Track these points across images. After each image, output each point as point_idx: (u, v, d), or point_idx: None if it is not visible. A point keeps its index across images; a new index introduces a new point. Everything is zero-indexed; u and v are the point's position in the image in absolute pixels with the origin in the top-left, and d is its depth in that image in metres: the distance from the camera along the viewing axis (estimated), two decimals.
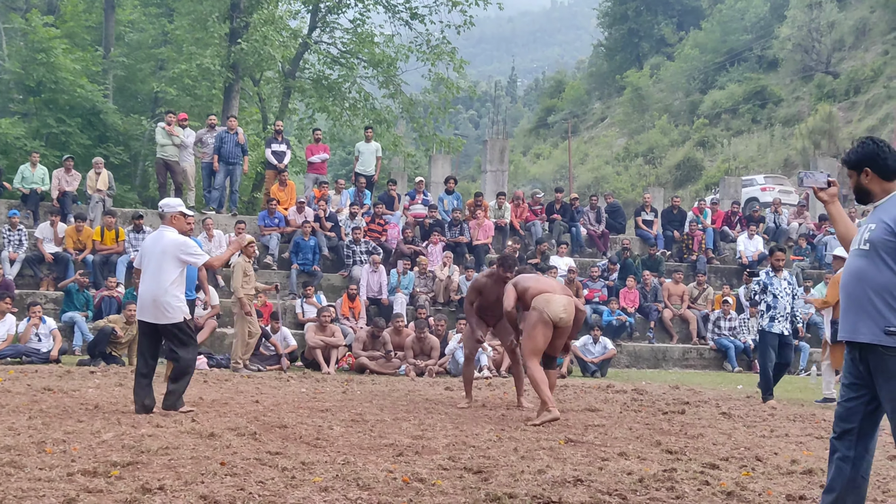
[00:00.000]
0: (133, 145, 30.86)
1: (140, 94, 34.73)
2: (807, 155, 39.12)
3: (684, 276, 19.69)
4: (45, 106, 28.99)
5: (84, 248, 17.23)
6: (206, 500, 5.13)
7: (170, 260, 8.83)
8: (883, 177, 4.78)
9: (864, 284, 4.67)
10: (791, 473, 6.67)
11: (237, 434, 7.46)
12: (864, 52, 48.35)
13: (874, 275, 4.64)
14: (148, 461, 6.16)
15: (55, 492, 5.14)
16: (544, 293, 9.48)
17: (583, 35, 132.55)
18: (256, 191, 30.01)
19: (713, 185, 39.26)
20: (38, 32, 28.20)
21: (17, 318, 14.25)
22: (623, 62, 66.76)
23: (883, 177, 4.78)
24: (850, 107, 44.46)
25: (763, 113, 50.04)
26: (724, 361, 17.82)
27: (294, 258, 18.10)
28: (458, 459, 6.72)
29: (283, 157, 20.51)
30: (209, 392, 10.74)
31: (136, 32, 34.60)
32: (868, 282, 4.65)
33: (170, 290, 8.79)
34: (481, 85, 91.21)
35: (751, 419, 10.07)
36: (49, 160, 23.73)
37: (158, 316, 8.79)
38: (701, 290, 19.32)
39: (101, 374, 12.28)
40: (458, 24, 31.02)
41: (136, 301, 9.30)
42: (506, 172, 25.65)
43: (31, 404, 8.82)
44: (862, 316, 4.65)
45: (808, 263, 21.22)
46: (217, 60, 26.82)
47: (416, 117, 32.11)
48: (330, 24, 32.78)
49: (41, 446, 6.55)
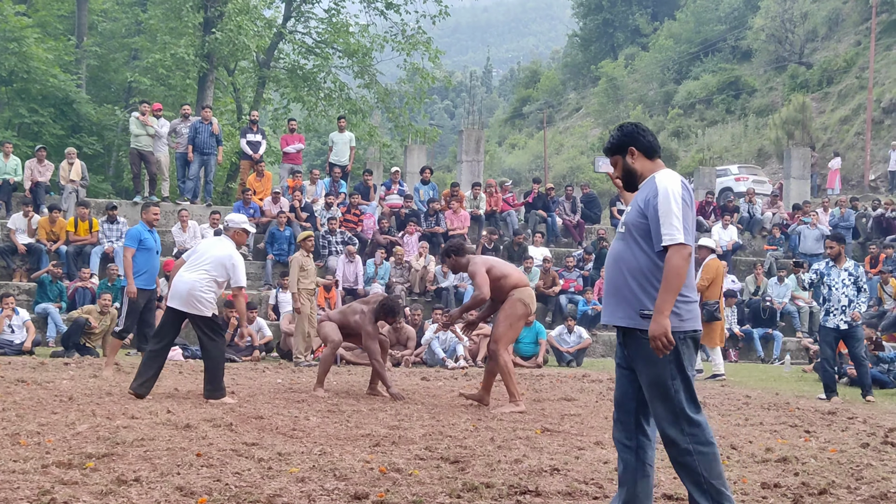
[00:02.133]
0: (106, 135, 30.71)
1: (113, 84, 34.55)
2: (780, 145, 39.33)
3: None
4: (18, 96, 28.77)
5: (57, 238, 17.12)
6: (182, 491, 5.11)
7: (219, 267, 9.49)
8: (647, 155, 4.78)
9: (620, 267, 4.68)
10: (766, 461, 6.71)
11: (213, 425, 7.44)
12: (837, 42, 48.61)
13: (629, 258, 4.65)
14: (123, 453, 6.13)
15: (30, 484, 5.11)
16: (527, 286, 9.56)
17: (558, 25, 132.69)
18: (231, 181, 29.92)
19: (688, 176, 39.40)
20: (10, 21, 27.95)
21: None
22: (598, 52, 66.89)
23: (647, 155, 4.78)
24: (823, 97, 44.70)
25: (737, 103, 50.25)
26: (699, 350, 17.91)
27: (269, 248, 18.05)
28: (434, 449, 6.73)
29: (258, 147, 20.45)
30: (185, 383, 10.71)
31: (110, 22, 34.39)
32: (624, 264, 4.66)
33: (206, 288, 9.39)
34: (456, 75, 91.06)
35: (725, 408, 10.12)
36: (21, 150, 23.53)
37: (190, 307, 9.35)
38: None
39: (76, 366, 12.21)
40: (433, 14, 31.01)
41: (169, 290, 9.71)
42: (481, 163, 25.66)
43: (5, 396, 8.76)
44: (619, 299, 4.66)
45: (781, 252, 21.33)
46: (191, 50, 26.69)
47: (392, 107, 32.11)
48: (305, 14, 32.71)
49: (15, 438, 6.50)
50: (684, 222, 4.47)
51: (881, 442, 7.88)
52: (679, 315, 4.52)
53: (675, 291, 4.44)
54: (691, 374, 4.55)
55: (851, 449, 7.45)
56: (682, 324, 4.53)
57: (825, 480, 5.96)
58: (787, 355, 16.99)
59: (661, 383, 4.54)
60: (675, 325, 4.50)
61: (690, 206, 4.58)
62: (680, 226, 4.45)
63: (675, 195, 4.51)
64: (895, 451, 7.47)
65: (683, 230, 4.45)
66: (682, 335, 4.53)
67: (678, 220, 4.46)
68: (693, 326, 4.58)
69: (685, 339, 4.53)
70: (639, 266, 4.60)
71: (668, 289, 4.43)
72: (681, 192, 4.54)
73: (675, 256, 4.44)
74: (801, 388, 13.26)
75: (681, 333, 4.52)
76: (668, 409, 4.53)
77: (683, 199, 4.53)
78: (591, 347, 17.01)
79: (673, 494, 5.45)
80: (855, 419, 9.56)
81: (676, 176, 4.65)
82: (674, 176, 4.64)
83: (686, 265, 4.45)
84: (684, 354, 4.53)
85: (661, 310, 4.43)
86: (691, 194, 4.65)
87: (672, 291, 4.43)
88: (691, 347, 4.58)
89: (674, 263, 4.43)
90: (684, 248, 4.43)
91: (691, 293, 4.61)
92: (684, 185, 4.62)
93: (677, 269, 4.43)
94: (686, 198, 4.56)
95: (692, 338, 4.59)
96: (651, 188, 4.61)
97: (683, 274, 4.45)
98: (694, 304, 4.61)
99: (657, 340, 4.39)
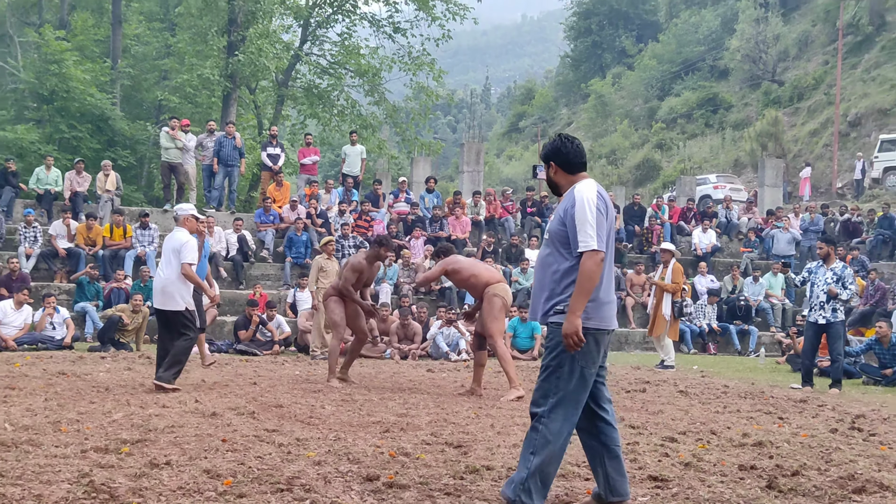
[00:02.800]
0: (139, 149, 30.74)
1: (145, 102, 34.58)
2: (755, 156, 39.27)
3: (645, 266, 19.75)
4: (58, 113, 28.81)
5: (94, 243, 17.13)
6: (209, 473, 5.11)
7: (175, 256, 9.16)
8: (566, 170, 4.75)
9: (544, 270, 4.69)
10: (743, 445, 6.70)
11: (237, 413, 7.44)
12: (807, 62, 48.55)
13: (551, 262, 4.66)
14: (155, 439, 6.13)
15: (70, 467, 5.11)
16: (500, 282, 9.70)
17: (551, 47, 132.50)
18: (253, 190, 29.90)
19: (670, 184, 39.38)
20: (51, 46, 28.03)
21: (33, 308, 14.17)
22: (587, 72, 66.79)
23: (566, 170, 4.75)
24: (794, 112, 44.63)
25: (715, 118, 50.18)
26: (681, 344, 17.90)
27: (288, 252, 18.06)
28: (439, 435, 6.72)
29: (277, 159, 20.45)
30: (211, 375, 10.71)
31: (142, 45, 34.42)
32: (548, 268, 4.67)
33: (175, 282, 9.11)
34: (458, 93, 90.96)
35: (706, 397, 10.11)
36: (62, 163, 23.55)
37: (164, 302, 9.11)
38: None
39: (111, 359, 12.21)
40: (436, 38, 31.03)
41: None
42: (481, 173, 25.64)
43: (47, 387, 8.77)
44: (543, 299, 4.67)
45: (756, 255, 21.32)
46: (216, 71, 26.69)
47: (399, 123, 32.09)
48: (319, 38, 32.70)
49: (57, 426, 6.51)
50: (598, 230, 4.46)
51: (849, 428, 7.88)
52: (585, 312, 4.48)
53: (588, 293, 4.44)
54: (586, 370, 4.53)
55: (821, 434, 7.44)
56: (587, 322, 4.50)
57: (797, 463, 5.95)
58: (762, 349, 16.97)
59: (552, 367, 4.54)
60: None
61: (605, 215, 4.55)
62: (594, 233, 4.45)
63: (590, 205, 4.50)
64: (862, 436, 7.47)
65: (597, 237, 4.45)
66: (584, 332, 4.49)
67: (592, 228, 4.45)
68: (596, 325, 4.55)
69: (585, 336, 4.49)
70: (559, 270, 4.61)
71: (581, 291, 4.44)
72: (596, 202, 4.53)
73: (588, 261, 4.44)
74: (775, 378, 13.25)
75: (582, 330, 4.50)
76: (544, 389, 4.55)
77: (598, 209, 4.52)
78: None
79: (658, 476, 5.45)
80: (824, 407, 9.56)
81: (594, 187, 4.63)
82: (591, 187, 4.61)
83: (598, 269, 4.45)
84: (581, 350, 4.50)
85: (573, 309, 4.44)
86: (607, 203, 4.63)
87: (584, 293, 4.43)
88: (591, 344, 4.54)
89: (587, 267, 4.44)
90: (597, 253, 4.44)
91: (600, 295, 4.56)
92: (601, 195, 4.60)
93: (590, 272, 4.43)
94: (601, 207, 4.54)
95: (593, 335, 4.55)
96: (570, 198, 4.61)
97: (595, 277, 4.45)
98: (602, 305, 4.58)
99: (569, 338, 4.41)
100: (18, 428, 6.34)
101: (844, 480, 5.45)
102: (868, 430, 7.78)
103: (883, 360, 13.21)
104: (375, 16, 32.07)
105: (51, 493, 4.56)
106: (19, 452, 5.51)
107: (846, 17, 41.58)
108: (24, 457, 5.38)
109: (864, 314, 17.73)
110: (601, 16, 65.15)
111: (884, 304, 17.94)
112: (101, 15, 35.74)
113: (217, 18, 26.80)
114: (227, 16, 26.87)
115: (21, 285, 14.58)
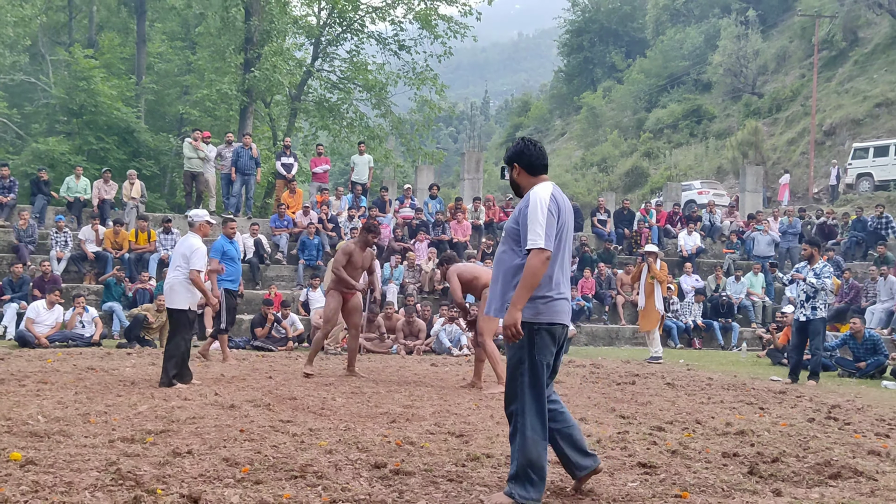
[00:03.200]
0: (162, 159, 30.75)
1: (167, 116, 34.59)
2: (736, 163, 39.17)
3: (634, 267, 19.73)
4: (87, 126, 28.83)
5: (121, 247, 17.14)
6: (228, 462, 5.11)
7: (183, 259, 9.14)
8: (529, 172, 4.68)
9: (499, 267, 4.65)
10: (726, 434, 6.70)
11: (254, 405, 7.44)
12: (785, 75, 48.48)
13: (506, 259, 4.61)
14: (178, 429, 6.13)
15: (98, 457, 5.11)
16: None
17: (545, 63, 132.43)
18: (268, 197, 29.89)
19: (657, 190, 39.36)
20: (80, 63, 28.06)
21: (64, 307, 14.21)
22: (580, 85, 66.71)
23: (529, 172, 4.68)
24: (772, 122, 44.55)
25: (699, 128, 50.09)
26: (668, 339, 17.90)
27: (301, 254, 18.06)
28: (442, 425, 6.72)
29: (291, 168, 20.46)
30: (229, 370, 10.71)
31: (164, 63, 34.44)
32: (501, 265, 4.63)
33: (182, 282, 9.08)
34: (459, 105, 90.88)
35: (691, 388, 10.11)
36: (90, 173, 23.52)
37: (170, 301, 9.12)
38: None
39: (137, 355, 12.22)
40: (439, 54, 30.99)
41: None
42: (481, 180, 25.62)
43: (77, 382, 8.78)
44: (497, 294, 4.63)
45: (738, 255, 21.30)
46: (234, 86, 26.69)
47: (404, 134, 32.06)
48: (330, 55, 32.67)
49: (86, 417, 6.51)
50: (547, 229, 4.39)
51: (825, 417, 7.87)
52: (536, 309, 4.45)
53: (530, 289, 4.37)
54: (544, 363, 4.48)
55: (800, 423, 7.43)
56: (538, 316, 4.46)
57: (777, 450, 5.95)
58: (744, 343, 16.98)
59: (512, 365, 4.50)
60: (530, 316, 4.44)
61: (556, 216, 4.48)
62: (542, 232, 4.38)
63: (542, 205, 4.44)
64: (837, 425, 7.46)
65: (545, 237, 4.38)
66: (537, 327, 4.46)
67: (542, 228, 4.38)
68: (549, 320, 4.49)
69: (539, 331, 4.46)
70: (512, 266, 4.57)
71: (524, 286, 4.37)
72: (548, 203, 4.46)
73: (533, 259, 4.37)
74: (756, 371, 13.24)
75: (535, 325, 4.46)
76: (511, 389, 4.50)
77: (550, 210, 4.44)
78: (575, 338, 16.99)
79: (647, 462, 5.44)
80: (802, 398, 9.55)
81: (550, 189, 4.56)
82: (547, 189, 4.55)
83: (542, 267, 4.38)
84: (536, 344, 4.46)
85: (514, 303, 4.39)
86: (560, 205, 4.54)
87: (527, 288, 4.37)
88: (545, 338, 4.49)
89: (531, 264, 4.37)
90: (543, 252, 4.37)
91: (554, 291, 4.51)
92: (555, 197, 4.53)
93: (534, 269, 4.37)
94: (553, 208, 4.47)
95: (547, 330, 4.50)
96: (526, 199, 4.55)
97: (539, 274, 4.37)
98: (555, 301, 4.51)
99: (507, 329, 4.36)
100: (50, 419, 6.35)
101: (821, 466, 5.44)
102: (843, 419, 7.78)
103: (857, 354, 13.21)
104: (382, 34, 32.06)
105: (81, 480, 4.56)
106: (51, 442, 5.52)
107: (821, 34, 41.53)
108: (56, 446, 5.39)
109: (839, 311, 17.70)
110: (592, 33, 65.15)
111: (857, 301, 17.93)
112: (127, 35, 35.79)
113: (234, 37, 26.79)
114: (244, 35, 26.87)
115: (53, 286, 14.60)
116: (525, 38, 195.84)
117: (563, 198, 4.63)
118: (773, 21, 54.48)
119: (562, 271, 4.58)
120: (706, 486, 4.92)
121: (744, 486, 4.94)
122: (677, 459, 5.64)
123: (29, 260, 16.35)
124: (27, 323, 13.54)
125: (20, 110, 31.45)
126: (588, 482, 4.80)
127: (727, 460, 5.65)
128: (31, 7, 28.77)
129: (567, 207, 4.61)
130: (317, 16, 32.28)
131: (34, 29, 30.91)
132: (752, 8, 52.66)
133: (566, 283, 4.64)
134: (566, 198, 4.69)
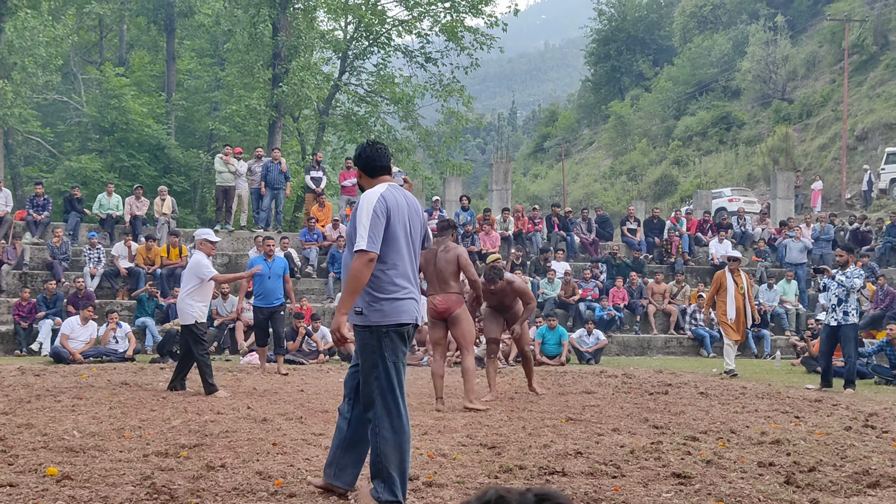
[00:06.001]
0: (192, 175, 31.08)
1: (197, 132, 34.96)
2: (767, 170, 38.92)
3: (664, 276, 19.61)
4: (118, 144, 29.24)
5: (153, 263, 17.30)
6: (261, 475, 5.13)
7: (189, 276, 9.58)
8: (368, 174, 4.68)
9: (345, 272, 4.58)
10: (761, 443, 6.63)
11: (286, 418, 7.47)
12: (815, 81, 48.09)
13: (348, 263, 4.54)
14: (211, 443, 6.17)
15: (133, 471, 5.16)
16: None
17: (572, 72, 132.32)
18: (298, 211, 30.07)
19: (687, 198, 39.11)
20: (111, 81, 28.49)
21: (97, 323, 14.35)
22: (607, 94, 66.61)
23: (368, 174, 4.68)
24: (803, 128, 44.22)
25: (728, 135, 49.82)
26: (700, 348, 17.74)
27: (331, 268, 18.12)
28: (474, 437, 6.71)
29: (320, 182, 20.57)
30: (262, 383, 10.77)
31: (194, 79, 34.84)
32: (346, 269, 4.55)
33: (186, 299, 9.52)
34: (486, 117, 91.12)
35: (725, 397, 10.01)
36: (122, 189, 23.88)
37: (180, 318, 9.61)
38: (679, 288, 19.23)
39: (170, 370, 12.29)
40: (465, 66, 31.07)
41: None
42: (509, 191, 25.59)
43: (111, 397, 8.86)
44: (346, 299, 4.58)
45: (769, 263, 21.10)
46: (262, 101, 26.92)
47: (432, 146, 32.15)
48: (357, 69, 32.89)
49: (120, 432, 6.57)
50: (371, 231, 4.35)
51: (862, 425, 7.77)
52: (382, 311, 4.40)
53: (353, 291, 4.33)
54: (398, 363, 4.45)
55: (836, 432, 7.34)
56: (384, 318, 4.42)
57: (814, 459, 5.88)
58: (778, 351, 16.77)
59: (367, 369, 4.46)
60: (377, 319, 4.41)
61: (383, 217, 4.42)
62: (366, 234, 4.35)
63: (368, 207, 4.41)
64: (875, 433, 7.35)
65: (368, 238, 4.34)
66: (385, 329, 4.41)
67: (365, 230, 4.35)
68: (396, 321, 4.45)
69: (388, 333, 4.42)
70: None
71: (347, 289, 4.36)
72: (374, 205, 4.42)
73: (356, 262, 4.35)
74: (791, 379, 13.08)
75: (383, 328, 4.41)
76: (367, 393, 4.46)
77: (376, 211, 4.40)
78: (607, 348, 16.88)
79: (681, 473, 5.39)
80: (839, 406, 9.43)
81: (380, 190, 4.52)
82: (377, 190, 4.52)
83: (366, 270, 4.33)
84: (386, 346, 4.42)
85: (339, 307, 4.39)
86: (390, 205, 4.47)
87: (350, 292, 4.34)
88: (395, 340, 4.45)
89: (353, 267, 4.36)
90: (366, 254, 4.33)
91: (400, 292, 4.46)
92: (384, 198, 4.47)
93: (356, 272, 4.34)
94: (380, 209, 4.42)
95: (395, 331, 4.45)
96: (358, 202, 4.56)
97: (362, 277, 4.33)
98: (401, 301, 4.47)
99: (333, 334, 4.36)
100: (86, 434, 6.41)
101: (859, 476, 5.37)
102: (881, 427, 7.67)
103: (894, 361, 13.02)
104: (408, 47, 32.23)
105: (116, 494, 4.60)
106: (87, 457, 5.57)
107: (851, 38, 41.15)
108: (92, 461, 5.44)
109: (875, 318, 17.48)
110: (619, 42, 65.00)
111: (893, 307, 17.68)
112: (157, 52, 36.24)
113: (262, 53, 27.04)
114: (272, 50, 27.10)
115: (86, 302, 14.77)
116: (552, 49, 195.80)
117: (401, 197, 4.58)
118: (802, 26, 54.09)
119: (409, 270, 4.54)
120: (742, 496, 4.87)
121: (780, 496, 4.88)
122: (712, 469, 5.59)
123: (63, 276, 16.54)
124: (62, 339, 13.70)
125: (53, 129, 31.93)
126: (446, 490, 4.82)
127: (763, 470, 5.59)
128: (63, 27, 29.20)
129: (405, 206, 4.56)
130: (343, 30, 32.53)
131: (66, 48, 31.36)
132: (780, 13, 52.37)
133: (414, 282, 4.59)
134: (408, 195, 4.65)
